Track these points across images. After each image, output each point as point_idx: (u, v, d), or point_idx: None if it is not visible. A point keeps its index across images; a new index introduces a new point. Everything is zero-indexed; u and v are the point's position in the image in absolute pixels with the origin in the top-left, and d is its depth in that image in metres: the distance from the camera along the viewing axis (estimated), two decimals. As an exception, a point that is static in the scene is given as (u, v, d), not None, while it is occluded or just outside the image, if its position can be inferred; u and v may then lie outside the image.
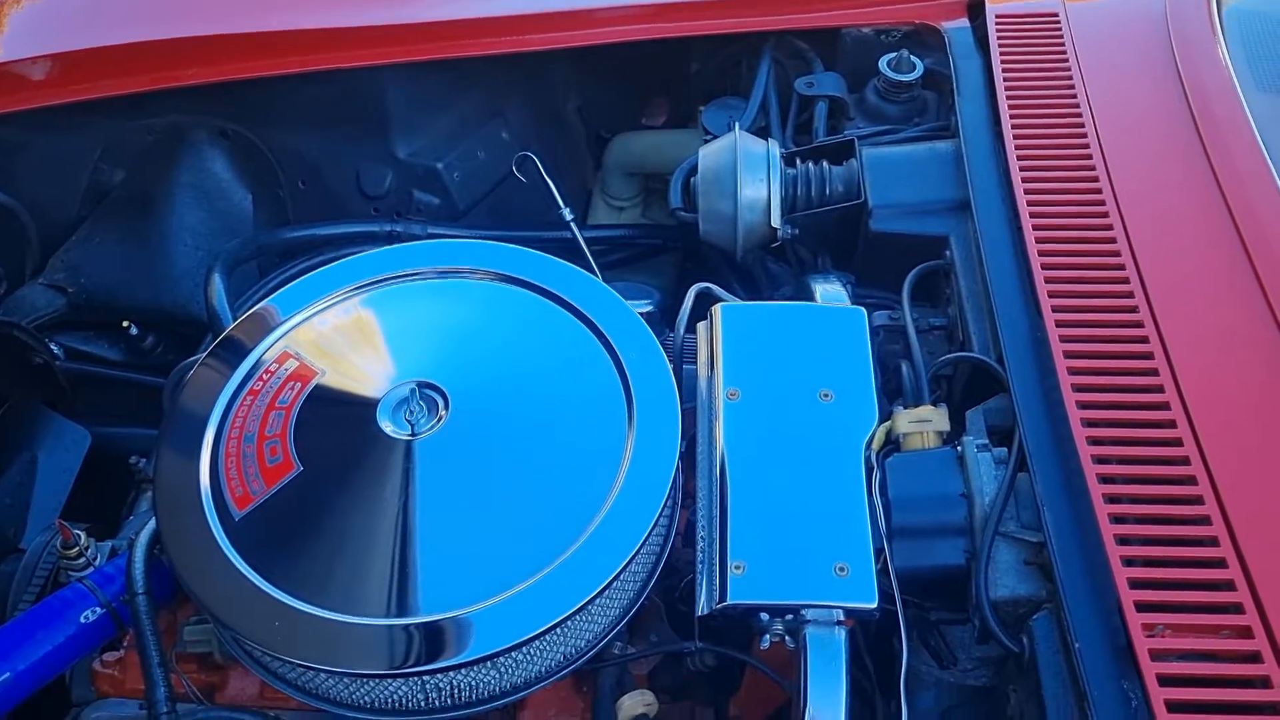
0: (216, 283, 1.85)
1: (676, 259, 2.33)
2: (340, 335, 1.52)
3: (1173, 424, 1.34)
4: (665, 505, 1.34)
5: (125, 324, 2.16)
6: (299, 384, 1.46)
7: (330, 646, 1.25)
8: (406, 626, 1.25)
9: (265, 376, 1.48)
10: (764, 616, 1.30)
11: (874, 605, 1.28)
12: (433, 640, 1.24)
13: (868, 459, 1.42)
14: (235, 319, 1.63)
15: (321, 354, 1.50)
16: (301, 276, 1.63)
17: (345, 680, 1.28)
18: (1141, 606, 1.18)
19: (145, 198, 2.18)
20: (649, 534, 1.31)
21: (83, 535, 1.58)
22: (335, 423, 1.42)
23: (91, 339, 2.21)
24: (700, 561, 1.36)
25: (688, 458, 1.51)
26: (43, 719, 1.57)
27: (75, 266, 2.18)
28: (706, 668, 1.52)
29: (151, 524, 1.44)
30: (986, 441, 1.42)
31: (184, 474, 1.40)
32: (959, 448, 1.41)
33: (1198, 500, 1.26)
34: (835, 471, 1.38)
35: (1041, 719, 1.22)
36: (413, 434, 1.38)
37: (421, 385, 1.42)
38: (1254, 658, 1.15)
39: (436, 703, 1.31)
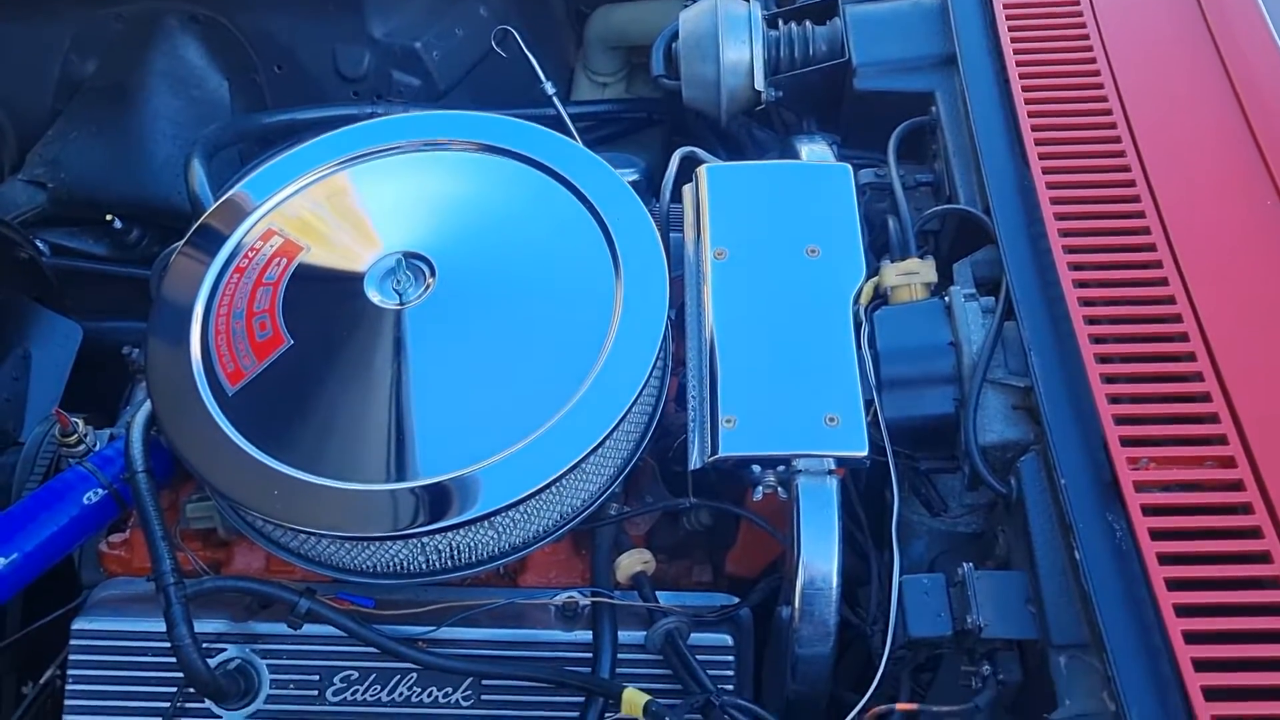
0: (197, 168, 1.84)
1: (663, 133, 2.31)
2: (324, 211, 1.51)
3: (1159, 264, 1.34)
4: (656, 363, 1.35)
5: (108, 218, 2.14)
6: (285, 260, 1.45)
7: (330, 512, 1.27)
8: (404, 489, 1.27)
9: (250, 254, 1.47)
10: (756, 469, 1.32)
11: (864, 454, 1.30)
12: (431, 501, 1.26)
13: (856, 314, 1.42)
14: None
15: (306, 230, 1.49)
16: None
17: (346, 545, 1.31)
18: (1126, 441, 1.20)
19: (119, 88, 2.15)
20: (641, 391, 1.32)
21: (80, 423, 1.59)
22: (323, 296, 1.42)
23: (76, 235, 2.20)
24: (692, 419, 1.37)
25: (677, 326, 1.51)
26: (56, 605, 1.60)
27: (54, 161, 2.16)
28: (702, 526, 1.54)
29: (147, 405, 1.45)
30: (974, 291, 1.42)
31: (175, 353, 1.40)
32: (946, 298, 1.42)
33: (1182, 338, 1.27)
34: (823, 325, 1.39)
35: (1029, 556, 1.24)
36: (401, 303, 1.38)
37: (408, 255, 1.41)
38: (1236, 486, 1.17)
39: (437, 564, 1.34)
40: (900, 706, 1.23)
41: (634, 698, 1.29)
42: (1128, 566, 1.16)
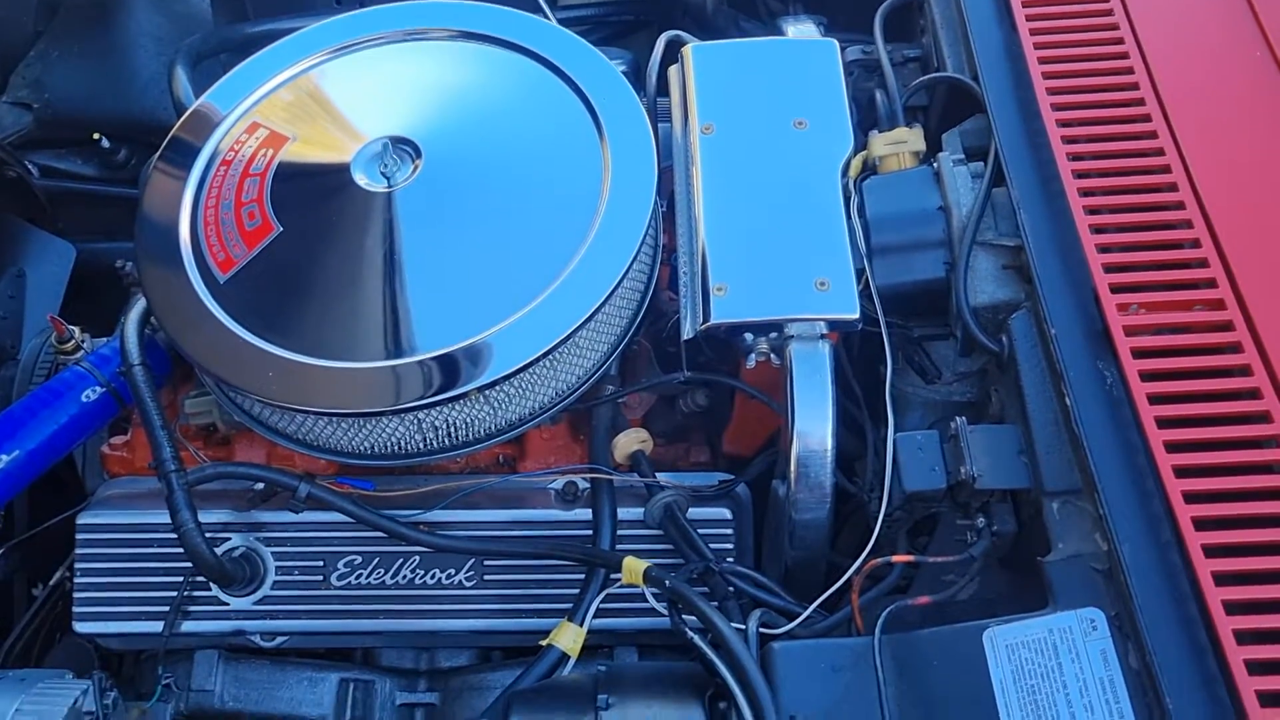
0: (180, 76, 1.82)
1: (650, 35, 2.28)
2: (308, 102, 1.50)
3: (1147, 118, 1.33)
4: (645, 236, 1.35)
5: (96, 137, 2.13)
6: (271, 150, 1.45)
7: (325, 391, 1.28)
8: (399, 365, 1.27)
9: (236, 147, 1.47)
10: (748, 336, 1.32)
11: (856, 315, 1.30)
12: (425, 376, 1.27)
13: (845, 186, 1.42)
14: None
15: (290, 121, 1.48)
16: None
17: (343, 425, 1.31)
18: (1116, 288, 1.20)
19: (99, 6, 2.12)
20: (631, 262, 1.32)
21: (77, 331, 1.60)
22: (311, 183, 1.42)
23: (65, 156, 2.18)
24: (683, 291, 1.38)
25: (668, 218, 1.51)
26: (63, 510, 1.62)
27: (38, 82, 2.14)
28: (698, 408, 1.55)
29: (141, 301, 1.45)
30: (963, 156, 1.42)
31: (165, 246, 1.40)
32: (935, 164, 1.41)
33: (1171, 188, 1.27)
34: (812, 195, 1.39)
35: (1022, 410, 1.25)
36: (389, 186, 1.38)
37: (394, 140, 1.41)
38: (1226, 327, 1.17)
39: (434, 443, 1.34)
40: (896, 559, 1.24)
41: (634, 565, 1.31)
42: (1119, 412, 1.16)
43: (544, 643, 1.34)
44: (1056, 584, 1.13)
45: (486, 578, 1.41)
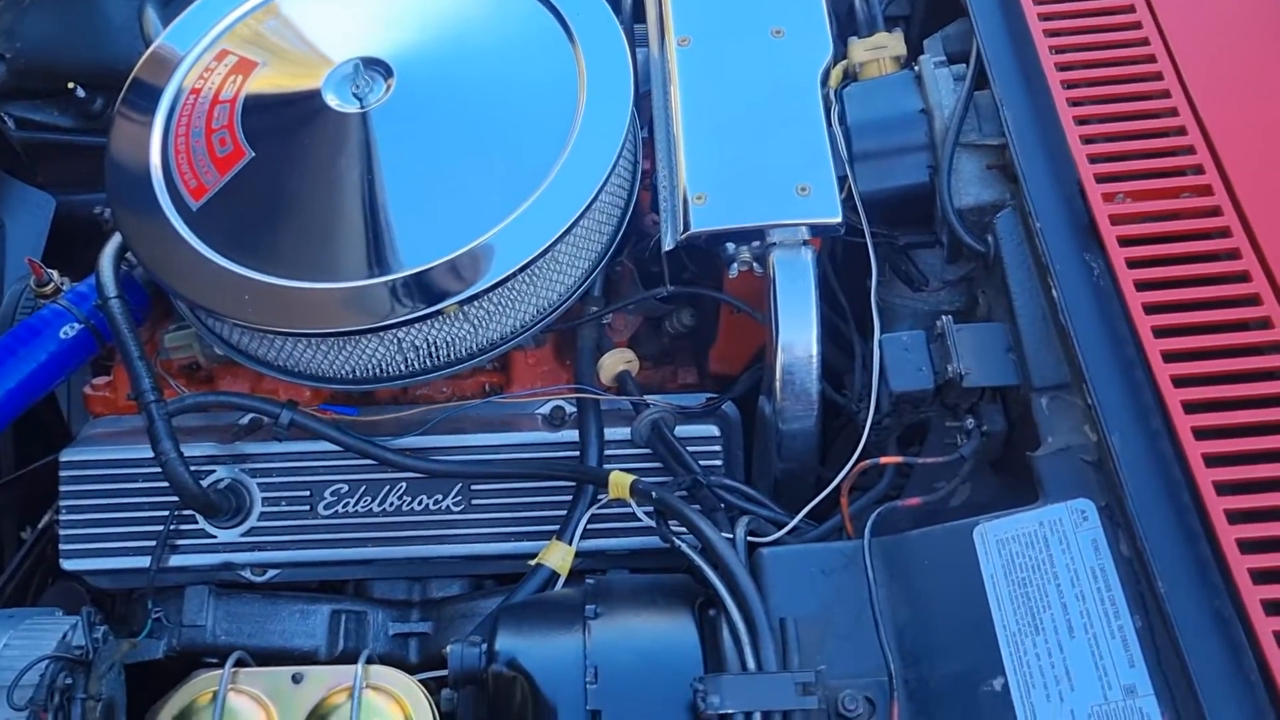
0: (151, 16, 1.79)
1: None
2: (275, 27, 1.48)
3: (1131, 9, 1.31)
4: (623, 148, 1.33)
5: (71, 86, 2.10)
6: (240, 77, 1.42)
7: (302, 312, 1.26)
8: (375, 284, 1.25)
9: (205, 75, 1.44)
10: (730, 246, 1.30)
11: (838, 219, 1.28)
12: (403, 294, 1.25)
13: (825, 95, 1.39)
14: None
15: (259, 47, 1.45)
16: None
17: (324, 348, 1.30)
18: (1101, 179, 1.18)
19: (70, -48, 2.09)
20: (610, 173, 1.30)
21: (55, 274, 1.58)
22: (282, 107, 1.40)
23: (40, 107, 2.15)
24: (663, 204, 1.35)
25: (648, 143, 1.48)
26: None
27: (9, 31, 2.11)
28: (684, 328, 1.53)
29: (117, 237, 1.44)
30: (945, 59, 1.39)
31: (136, 177, 1.38)
32: (916, 68, 1.39)
33: (1156, 77, 1.25)
34: (791, 103, 1.36)
35: (1009, 309, 1.23)
36: (362, 107, 1.35)
37: (365, 61, 1.38)
38: (1214, 212, 1.15)
39: (415, 364, 1.33)
40: (885, 460, 1.23)
41: (620, 479, 1.29)
42: (1107, 303, 1.15)
43: (533, 562, 1.33)
44: (1046, 477, 1.11)
45: (474, 502, 1.40)
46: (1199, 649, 0.97)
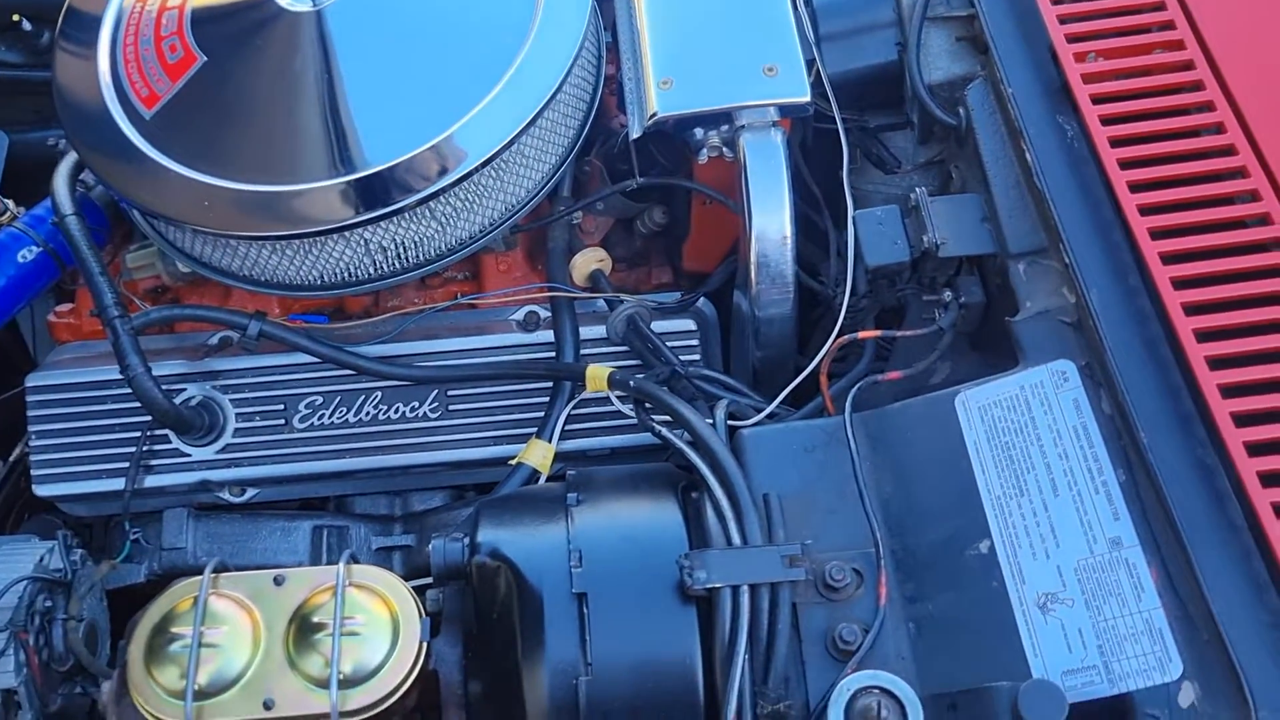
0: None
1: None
2: (223, -69, 1.43)
3: None
4: (585, 38, 1.30)
5: (15, 19, 2.04)
6: (188, -18, 1.38)
7: (264, 215, 1.23)
8: (337, 184, 1.22)
9: (151, -18, 1.40)
10: (698, 131, 1.28)
11: (807, 98, 1.26)
12: (366, 192, 1.22)
13: (790, -21, 1.36)
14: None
15: (205, -48, 1.41)
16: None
17: (289, 253, 1.27)
18: (1072, 38, 1.17)
19: (6, -122, 2.02)
20: (571, 65, 1.27)
21: (10, 203, 1.54)
22: (233, 10, 1.35)
23: (-15, 44, 2.10)
24: (629, 93, 1.33)
25: (612, 49, 1.45)
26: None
27: (-51, -35, 2.05)
28: (657, 226, 1.51)
29: (72, 154, 1.40)
30: (910, -67, 1.36)
31: (86, 89, 1.34)
32: (881, -56, 1.36)
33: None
34: (755, -15, 1.33)
35: (983, 179, 1.22)
36: (314, 5, 1.32)
37: (315, -42, 1.34)
38: (1186, 67, 1.14)
39: (384, 266, 1.30)
40: (864, 334, 1.22)
41: (597, 371, 1.28)
42: (1082, 166, 1.13)
43: (513, 461, 1.32)
44: (1025, 341, 1.11)
45: (451, 408, 1.38)
46: (1183, 498, 0.97)
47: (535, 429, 1.36)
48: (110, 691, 1.13)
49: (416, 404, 1.38)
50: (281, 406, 1.38)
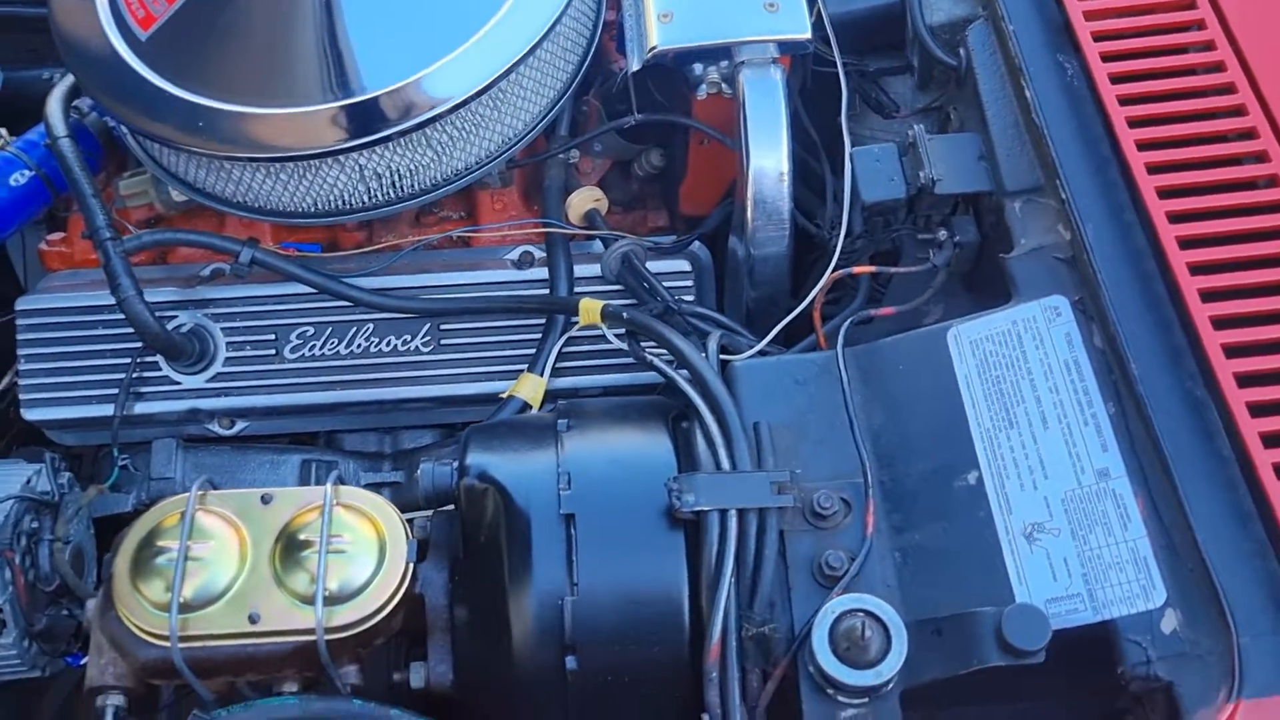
0: None
1: None
2: None
3: None
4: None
5: (10, -49, 2.03)
6: (187, -94, 1.37)
7: (259, 136, 1.22)
8: (334, 107, 1.22)
9: (150, -94, 1.38)
10: (697, 67, 1.28)
11: (807, 35, 1.26)
12: (362, 116, 1.22)
13: (793, -81, 1.35)
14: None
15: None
16: None
17: (283, 178, 1.27)
18: (1072, -19, 1.16)
19: None
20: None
21: (4, 131, 1.53)
22: (230, -66, 1.34)
23: (-26, -19, 2.08)
24: (629, 26, 1.32)
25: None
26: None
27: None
28: (654, 169, 1.51)
29: (67, 78, 1.39)
30: (913, -125, 1.36)
31: (81, 11, 1.33)
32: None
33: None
34: (758, -79, 1.32)
35: (981, 119, 1.21)
36: (313, -72, 1.31)
37: (315, -118, 1.33)
38: (1188, 5, 1.13)
39: (379, 194, 1.30)
40: (858, 270, 1.22)
41: (591, 304, 1.28)
42: (1081, 104, 1.13)
43: (504, 394, 1.32)
44: (1019, 277, 1.11)
45: (444, 342, 1.38)
46: (1172, 430, 0.97)
47: (527, 365, 1.35)
48: (96, 605, 1.13)
49: (409, 338, 1.38)
50: (273, 336, 1.38)
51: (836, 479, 1.07)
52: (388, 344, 1.38)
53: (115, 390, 1.37)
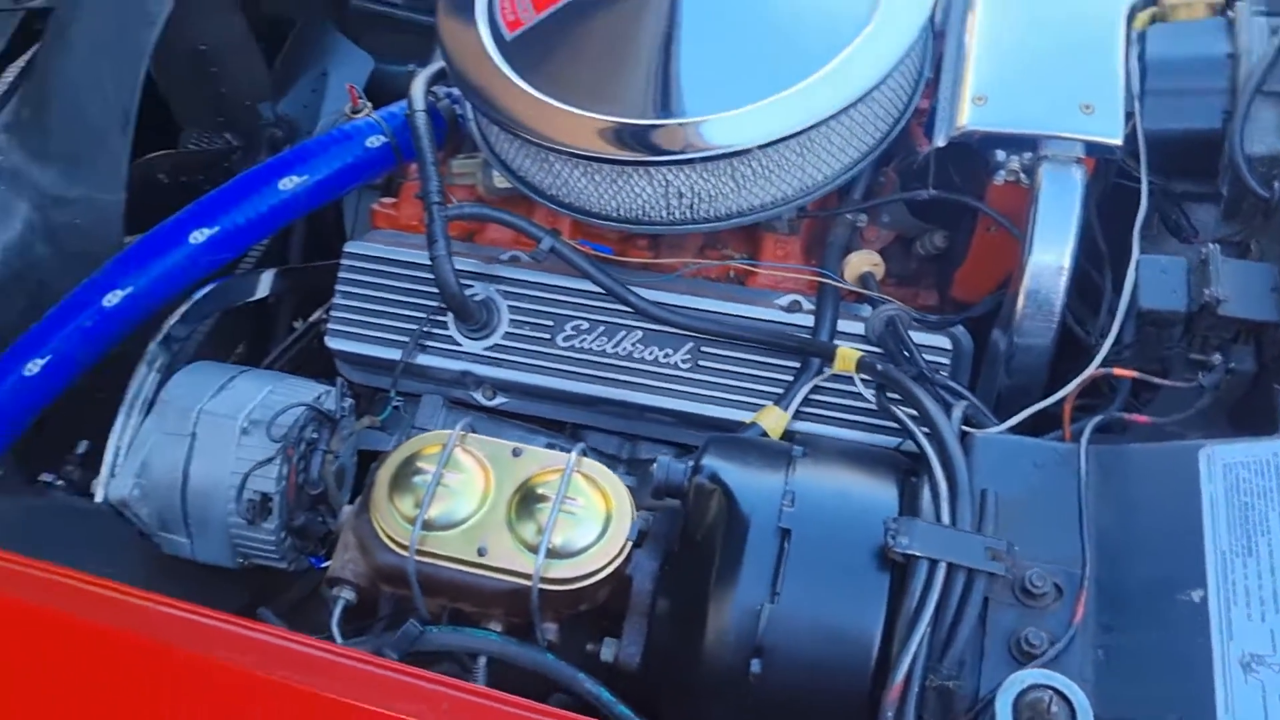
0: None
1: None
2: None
3: None
4: (916, 43, 1.36)
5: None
6: (570, -66, 1.54)
7: (584, 135, 1.35)
8: (657, 122, 1.34)
9: (540, -71, 1.56)
10: (1000, 153, 1.32)
11: (1118, 142, 1.28)
12: (680, 136, 1.32)
13: (1129, 34, 1.39)
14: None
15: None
16: None
17: (595, 177, 1.39)
18: None
19: None
20: (899, 61, 1.34)
21: (369, 104, 1.75)
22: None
23: (376, -19, 2.36)
24: (942, 100, 1.38)
25: (930, 86, 1.51)
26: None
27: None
28: (936, 250, 1.55)
29: (434, 64, 1.58)
30: (1265, 9, 1.36)
31: (464, 6, 1.52)
32: (1231, 14, 1.36)
33: None
34: (1090, 29, 1.36)
35: (1283, 255, 1.19)
36: (673, -31, 1.44)
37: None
38: None
39: (676, 212, 1.40)
40: (1118, 371, 1.22)
41: (848, 353, 1.33)
42: (1393, 255, 1.10)
43: (748, 421, 1.38)
44: (1290, 410, 1.08)
45: (702, 363, 1.46)
46: None
47: (775, 400, 1.42)
48: (353, 509, 1.26)
49: (671, 351, 1.47)
50: (550, 323, 1.50)
51: (1053, 563, 1.07)
52: (650, 353, 1.48)
53: (406, 339, 1.52)
